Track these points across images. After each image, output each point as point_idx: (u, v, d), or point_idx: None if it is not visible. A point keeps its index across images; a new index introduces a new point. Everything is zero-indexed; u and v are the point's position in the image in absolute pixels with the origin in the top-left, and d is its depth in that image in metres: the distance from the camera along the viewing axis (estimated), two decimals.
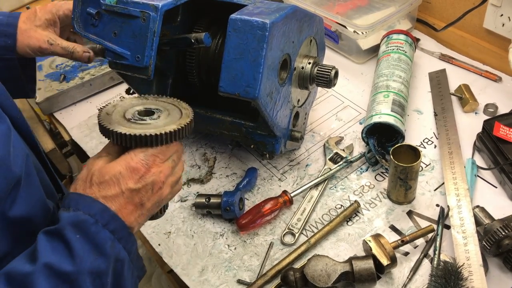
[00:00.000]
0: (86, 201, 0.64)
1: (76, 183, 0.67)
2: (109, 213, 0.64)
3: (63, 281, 0.59)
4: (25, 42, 0.96)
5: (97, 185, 0.65)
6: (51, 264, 0.59)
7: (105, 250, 0.62)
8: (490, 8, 1.21)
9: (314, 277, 0.84)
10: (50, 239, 0.61)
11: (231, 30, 0.84)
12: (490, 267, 0.87)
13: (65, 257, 0.60)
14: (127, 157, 0.67)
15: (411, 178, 0.94)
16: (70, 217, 0.62)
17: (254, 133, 1.00)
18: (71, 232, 0.61)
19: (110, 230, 0.63)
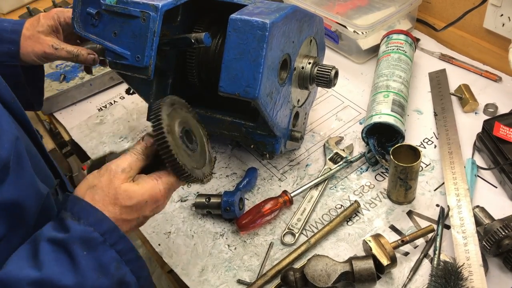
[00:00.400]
0: (97, 216, 0.64)
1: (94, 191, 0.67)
2: (119, 234, 0.65)
3: None
4: (29, 49, 0.96)
5: (121, 207, 0.67)
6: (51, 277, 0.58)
7: (109, 270, 0.62)
8: (490, 8, 1.21)
9: (314, 277, 0.84)
10: (55, 250, 0.61)
11: (231, 30, 0.84)
12: (490, 267, 0.87)
13: (68, 272, 0.60)
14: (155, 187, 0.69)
15: (411, 178, 0.94)
16: (80, 232, 0.62)
17: (254, 133, 1.00)
18: (79, 248, 0.61)
19: (117, 250, 0.64)
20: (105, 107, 1.32)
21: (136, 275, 0.66)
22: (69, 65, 1.38)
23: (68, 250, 0.61)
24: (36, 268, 0.59)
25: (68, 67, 1.38)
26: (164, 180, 0.70)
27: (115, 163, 0.69)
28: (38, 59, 0.97)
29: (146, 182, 0.69)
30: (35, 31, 0.97)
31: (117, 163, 0.69)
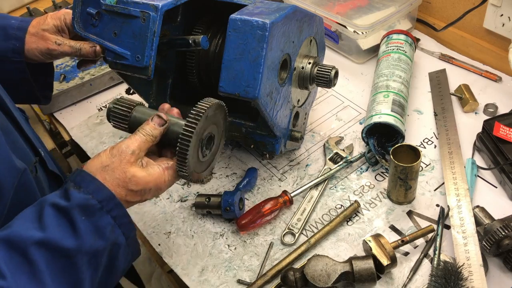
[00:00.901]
0: (96, 185, 0.70)
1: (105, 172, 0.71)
2: (115, 201, 0.70)
3: (61, 255, 0.64)
4: (33, 45, 0.97)
5: (127, 190, 0.72)
6: (55, 240, 0.64)
7: (104, 234, 0.68)
8: (490, 8, 1.21)
9: (314, 277, 0.84)
10: (58, 216, 0.66)
11: (231, 30, 0.84)
12: (490, 267, 0.87)
13: (68, 235, 0.65)
14: (161, 177, 0.75)
15: (411, 178, 0.94)
16: (80, 199, 0.67)
17: (254, 133, 1.00)
18: (78, 214, 0.66)
19: (113, 216, 0.69)
20: (105, 107, 1.32)
21: (126, 237, 0.72)
22: (69, 65, 1.38)
23: (69, 216, 0.66)
24: (40, 230, 0.64)
25: (68, 67, 1.38)
26: (170, 173, 0.76)
27: (125, 144, 0.74)
28: (42, 55, 0.98)
29: (153, 170, 0.74)
30: (40, 29, 0.98)
31: (127, 144, 0.74)
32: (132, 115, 0.80)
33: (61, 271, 0.64)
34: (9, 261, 0.61)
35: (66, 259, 0.64)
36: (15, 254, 0.62)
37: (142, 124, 0.76)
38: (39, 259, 0.62)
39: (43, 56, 0.98)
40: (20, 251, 0.62)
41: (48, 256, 0.63)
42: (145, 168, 0.74)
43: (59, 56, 1.00)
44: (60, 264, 0.64)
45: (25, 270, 0.62)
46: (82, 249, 0.65)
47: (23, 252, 0.62)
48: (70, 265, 0.65)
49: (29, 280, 0.62)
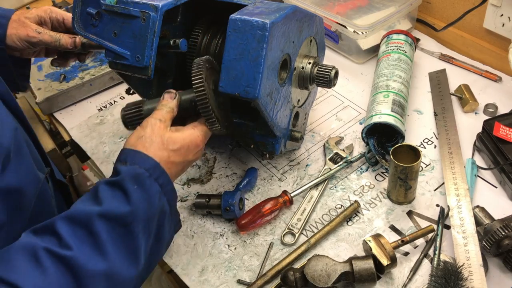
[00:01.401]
0: (141, 156, 0.75)
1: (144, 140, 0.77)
2: (160, 169, 0.75)
3: (119, 224, 0.68)
4: (13, 31, 0.99)
5: (169, 151, 0.78)
6: (112, 210, 0.68)
7: (154, 201, 0.73)
8: (490, 8, 1.21)
9: (314, 277, 0.84)
10: (112, 188, 0.71)
11: (231, 30, 0.84)
12: (490, 267, 0.87)
13: (123, 204, 0.70)
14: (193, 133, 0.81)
15: (411, 178, 0.94)
16: (128, 170, 0.72)
17: (254, 133, 1.00)
18: (130, 183, 0.71)
19: (160, 183, 0.74)
20: (105, 107, 1.32)
21: (170, 205, 0.77)
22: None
23: (122, 186, 0.71)
24: (98, 204, 0.69)
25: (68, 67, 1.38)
26: (200, 128, 0.83)
27: (151, 117, 0.80)
28: (20, 42, 0.99)
29: (184, 130, 0.82)
30: (22, 16, 1.00)
31: (153, 117, 0.80)
32: (144, 109, 0.86)
33: (120, 239, 0.68)
34: (73, 234, 0.66)
35: (124, 227, 0.69)
36: (77, 228, 0.66)
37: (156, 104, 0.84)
38: (101, 230, 0.67)
39: (21, 43, 0.99)
40: (82, 224, 0.67)
41: (108, 227, 0.67)
42: (178, 131, 0.81)
43: (37, 45, 1.01)
44: (119, 233, 0.68)
45: (88, 241, 0.66)
46: (136, 217, 0.70)
47: (85, 225, 0.67)
48: (127, 233, 0.69)
49: (92, 250, 0.66)
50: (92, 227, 0.67)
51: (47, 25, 1.03)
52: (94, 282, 0.65)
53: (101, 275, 0.66)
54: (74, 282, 0.64)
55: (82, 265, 0.64)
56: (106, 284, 0.66)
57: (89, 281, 0.64)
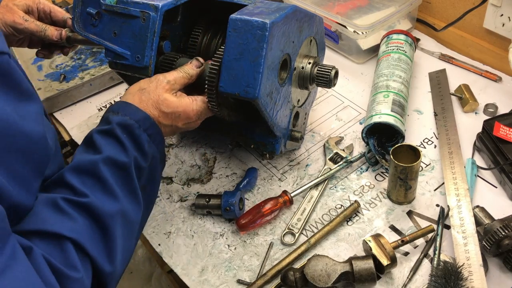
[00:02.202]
0: (132, 109, 0.80)
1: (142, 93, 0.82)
2: (150, 121, 0.81)
3: (120, 169, 0.74)
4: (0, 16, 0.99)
5: (159, 111, 0.82)
6: (112, 156, 0.74)
7: (144, 148, 0.79)
8: (490, 8, 1.21)
9: (314, 277, 0.84)
10: (105, 137, 0.76)
11: (231, 30, 0.84)
12: (490, 267, 0.87)
13: (120, 151, 0.76)
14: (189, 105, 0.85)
15: (411, 178, 0.94)
16: (119, 120, 0.78)
17: (254, 133, 1.00)
18: (120, 131, 0.77)
19: (149, 134, 0.80)
20: (105, 107, 1.32)
21: (160, 152, 0.83)
22: (69, 65, 1.38)
23: (114, 134, 0.76)
24: (97, 152, 0.74)
25: (68, 67, 1.38)
26: (199, 103, 0.86)
27: (163, 75, 0.85)
28: (6, 28, 1.00)
29: (183, 98, 0.85)
30: (10, 3, 1.01)
31: (165, 75, 0.85)
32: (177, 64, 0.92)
33: (123, 182, 0.74)
34: (83, 183, 0.71)
35: (124, 171, 0.75)
36: (86, 176, 0.72)
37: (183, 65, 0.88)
38: (108, 175, 0.72)
39: (6, 29, 0.99)
40: (90, 172, 0.72)
41: (111, 171, 0.73)
42: (177, 97, 0.85)
43: (22, 32, 1.01)
44: (121, 176, 0.74)
45: (99, 187, 0.72)
46: (132, 162, 0.76)
47: (92, 173, 0.72)
48: (127, 176, 0.75)
49: (105, 194, 0.72)
50: (99, 174, 0.72)
51: (33, 14, 1.04)
52: (113, 222, 0.71)
53: (118, 214, 0.72)
54: (97, 223, 0.69)
55: (100, 208, 0.70)
56: (122, 221, 0.73)
57: (109, 221, 0.70)
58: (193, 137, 1.18)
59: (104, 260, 0.69)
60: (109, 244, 0.70)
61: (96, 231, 0.69)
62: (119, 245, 0.71)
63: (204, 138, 1.18)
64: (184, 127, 0.88)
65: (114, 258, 0.70)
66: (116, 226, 0.71)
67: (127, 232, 0.75)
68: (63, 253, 0.65)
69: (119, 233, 0.72)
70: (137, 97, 0.82)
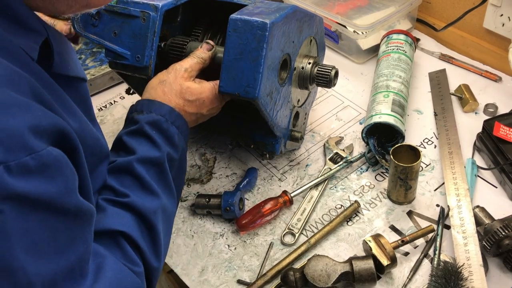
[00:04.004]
0: (155, 105, 0.81)
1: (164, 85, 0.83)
2: (175, 113, 0.81)
3: (155, 166, 0.76)
4: None
5: (184, 100, 0.84)
6: (145, 154, 0.76)
7: (174, 141, 0.80)
8: (490, 8, 1.21)
9: (314, 277, 0.84)
10: (135, 137, 0.78)
11: (231, 30, 0.84)
12: (490, 267, 0.87)
13: (152, 148, 0.77)
14: (212, 89, 0.86)
15: (411, 178, 0.94)
16: (145, 118, 0.79)
17: (254, 133, 1.00)
18: (149, 129, 0.78)
19: (176, 126, 0.81)
20: (105, 107, 1.32)
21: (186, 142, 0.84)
22: None
23: (144, 133, 0.78)
24: (131, 154, 0.76)
25: None
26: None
27: (179, 64, 0.86)
28: None
29: (205, 84, 0.86)
30: None
31: (180, 64, 0.86)
32: (187, 49, 0.92)
33: (158, 178, 0.76)
34: (122, 183, 0.73)
35: (158, 167, 0.76)
36: (123, 177, 0.74)
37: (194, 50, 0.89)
38: (144, 174, 0.74)
39: None
40: (127, 173, 0.74)
41: (147, 169, 0.75)
42: (198, 83, 0.86)
43: None
44: (156, 172, 0.76)
45: (138, 185, 0.73)
46: (165, 157, 0.77)
47: (129, 172, 0.74)
48: (162, 171, 0.77)
49: (144, 193, 0.73)
50: (136, 173, 0.74)
51: None
52: (156, 218, 0.72)
53: (159, 210, 0.73)
54: (141, 220, 0.71)
55: (142, 206, 0.71)
56: (163, 216, 0.74)
57: (153, 217, 0.72)
58: (193, 137, 1.18)
59: (152, 255, 0.71)
60: (155, 240, 0.72)
61: (143, 227, 0.71)
62: (162, 240, 0.73)
63: (204, 138, 1.18)
64: (208, 113, 0.89)
65: (160, 253, 0.72)
66: (158, 222, 0.73)
67: (167, 226, 0.77)
68: (121, 250, 0.67)
69: (162, 228, 0.73)
70: (160, 90, 0.83)
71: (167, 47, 0.94)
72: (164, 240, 0.74)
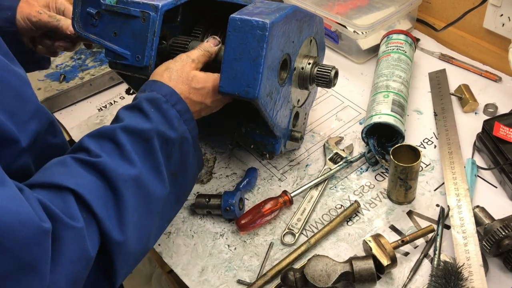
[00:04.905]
0: (158, 84, 0.80)
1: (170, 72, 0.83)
2: (177, 96, 0.80)
3: (141, 138, 0.73)
4: (19, 9, 1.01)
5: (190, 87, 0.83)
6: (132, 124, 0.73)
7: (173, 124, 0.77)
8: (490, 8, 1.21)
9: (314, 277, 0.84)
10: (131, 110, 0.77)
11: (231, 30, 0.84)
12: (490, 267, 0.87)
13: (143, 121, 0.75)
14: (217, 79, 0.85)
15: (411, 178, 0.94)
16: (146, 95, 0.78)
17: (254, 133, 1.00)
18: (147, 105, 0.76)
19: (177, 109, 0.79)
20: (105, 107, 1.32)
21: (191, 134, 0.81)
22: (69, 65, 1.38)
23: (140, 108, 0.76)
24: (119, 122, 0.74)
25: (68, 67, 1.38)
26: None
27: (186, 54, 0.86)
28: (23, 21, 1.01)
29: (211, 74, 0.86)
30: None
31: (188, 54, 0.86)
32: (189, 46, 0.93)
33: (142, 152, 0.73)
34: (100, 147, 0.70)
35: (145, 141, 0.73)
36: (103, 141, 0.71)
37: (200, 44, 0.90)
38: (125, 142, 0.71)
39: (24, 23, 1.01)
40: (108, 137, 0.72)
41: (130, 139, 0.72)
42: (204, 72, 0.85)
43: (37, 24, 1.02)
44: (142, 146, 0.73)
45: (115, 151, 0.71)
46: (156, 133, 0.74)
47: (111, 138, 0.71)
48: (149, 148, 0.73)
49: (120, 158, 0.70)
50: (117, 139, 0.71)
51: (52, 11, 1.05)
52: (126, 185, 0.68)
53: (132, 179, 0.69)
54: (107, 183, 0.67)
55: (113, 169, 0.68)
56: (137, 190, 0.70)
57: (121, 184, 0.68)
58: None
59: (113, 224, 0.66)
60: (120, 210, 0.67)
61: (106, 192, 0.67)
62: (131, 215, 0.68)
63: (204, 138, 1.18)
64: (213, 105, 0.87)
65: (124, 226, 0.67)
66: (128, 192, 0.68)
67: (144, 205, 0.71)
68: (64, 202, 0.63)
69: (133, 202, 0.69)
70: (166, 76, 0.82)
71: (169, 46, 0.94)
72: (137, 218, 0.69)
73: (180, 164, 0.79)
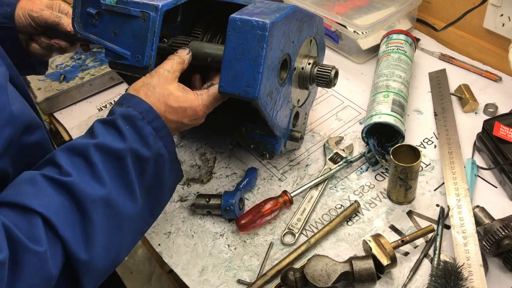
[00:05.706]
0: (136, 100, 0.79)
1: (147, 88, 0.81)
2: (154, 113, 0.79)
3: (114, 157, 0.72)
4: (20, 5, 1.01)
5: (166, 105, 0.81)
6: (106, 143, 0.72)
7: (148, 142, 0.76)
8: (490, 8, 1.21)
9: (314, 277, 0.84)
10: (106, 126, 0.75)
11: (231, 30, 0.84)
12: (490, 267, 0.87)
13: (117, 139, 0.74)
14: (195, 100, 0.84)
15: (411, 178, 0.94)
16: (122, 111, 0.77)
17: (254, 133, 1.00)
18: (122, 122, 0.75)
19: (153, 127, 0.77)
20: (105, 107, 1.32)
21: (168, 150, 0.79)
22: (69, 65, 1.38)
23: (115, 124, 0.75)
24: (93, 138, 0.73)
25: (68, 67, 1.38)
26: (204, 97, 0.85)
27: (161, 67, 0.85)
28: (24, 17, 1.01)
29: (189, 94, 0.84)
30: None
31: (162, 67, 0.85)
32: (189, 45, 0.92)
33: (115, 172, 0.72)
34: (72, 164, 0.70)
35: (117, 161, 0.72)
36: (75, 157, 0.70)
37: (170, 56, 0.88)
38: (97, 160, 0.70)
39: (25, 19, 1.01)
40: (80, 154, 0.71)
41: (103, 158, 0.71)
42: (182, 91, 0.84)
43: (38, 21, 1.02)
44: (114, 165, 0.72)
45: (86, 169, 0.70)
46: (129, 151, 0.73)
47: (83, 155, 0.71)
48: (121, 167, 0.72)
49: (91, 178, 0.69)
50: (89, 157, 0.70)
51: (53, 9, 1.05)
52: (94, 206, 0.68)
53: (100, 200, 0.69)
54: (75, 204, 0.67)
55: (82, 189, 0.67)
56: (106, 210, 0.69)
57: (89, 205, 0.67)
58: (193, 137, 1.18)
59: (79, 245, 0.66)
60: (87, 230, 0.67)
61: (73, 213, 0.66)
62: (99, 234, 0.68)
63: (204, 138, 1.18)
64: (190, 123, 0.86)
65: (91, 246, 0.67)
66: (96, 213, 0.68)
67: (113, 224, 0.70)
68: (29, 225, 0.63)
69: (101, 221, 0.68)
70: (142, 92, 0.81)
71: (169, 46, 0.94)
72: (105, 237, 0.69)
73: (155, 179, 0.78)
